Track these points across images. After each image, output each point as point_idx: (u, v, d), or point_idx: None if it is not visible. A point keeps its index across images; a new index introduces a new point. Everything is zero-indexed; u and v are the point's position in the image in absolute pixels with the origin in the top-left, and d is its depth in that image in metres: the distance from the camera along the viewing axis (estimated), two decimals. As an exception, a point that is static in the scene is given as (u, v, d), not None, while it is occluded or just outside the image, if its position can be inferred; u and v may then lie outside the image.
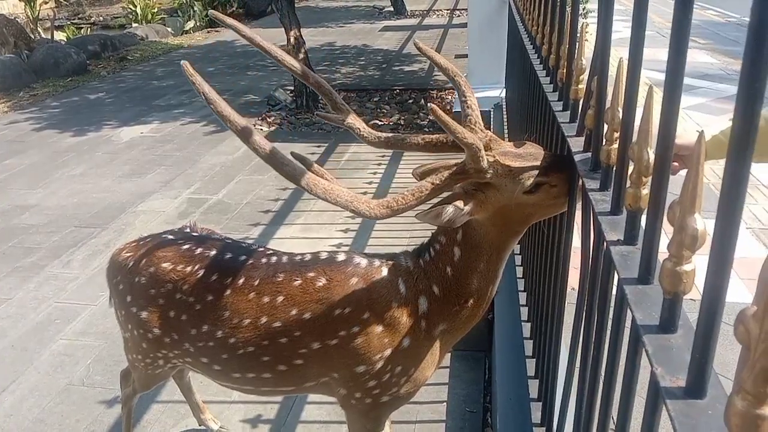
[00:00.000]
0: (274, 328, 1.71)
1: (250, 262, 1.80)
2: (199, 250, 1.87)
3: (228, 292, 1.76)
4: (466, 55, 8.02)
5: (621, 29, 8.71)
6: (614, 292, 0.99)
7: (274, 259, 1.81)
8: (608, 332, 1.05)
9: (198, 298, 1.79)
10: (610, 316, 1.03)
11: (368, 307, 1.66)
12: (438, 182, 1.43)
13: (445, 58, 1.67)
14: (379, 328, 1.65)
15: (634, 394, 0.90)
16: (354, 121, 1.64)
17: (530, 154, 1.46)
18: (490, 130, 1.66)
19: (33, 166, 6.06)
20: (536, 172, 1.42)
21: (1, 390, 2.95)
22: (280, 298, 1.71)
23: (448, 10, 16.08)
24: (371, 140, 1.63)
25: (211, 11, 1.82)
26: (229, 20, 1.66)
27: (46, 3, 13.79)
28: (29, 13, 13.27)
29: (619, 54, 1.19)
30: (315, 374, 1.78)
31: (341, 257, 1.77)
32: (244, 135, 1.42)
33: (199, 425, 2.59)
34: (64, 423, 2.73)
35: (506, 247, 1.60)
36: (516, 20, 3.83)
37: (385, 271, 1.69)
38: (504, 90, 5.85)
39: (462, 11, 15.12)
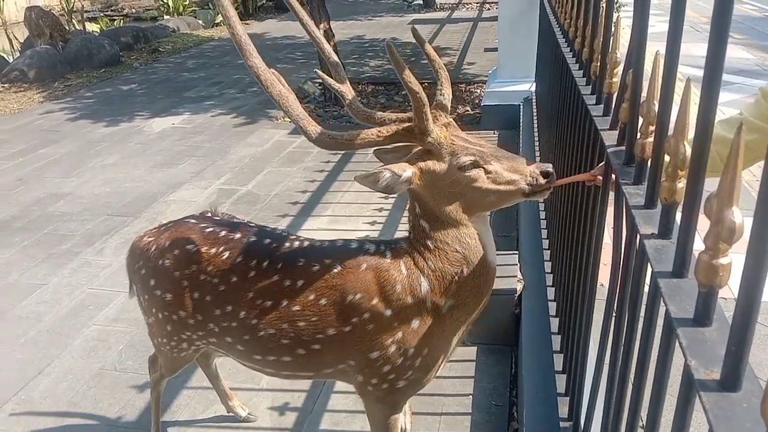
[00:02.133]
0: (293, 311, 1.75)
1: (274, 245, 1.85)
2: (223, 233, 1.92)
3: (252, 273, 1.81)
4: (495, 49, 7.97)
5: (654, 23, 8.56)
6: (647, 286, 0.99)
7: (296, 244, 1.85)
8: (639, 327, 1.05)
9: (223, 279, 1.84)
10: (642, 310, 1.03)
11: (376, 292, 1.70)
12: (384, 131, 1.56)
13: (473, 51, 1.74)
14: (388, 312, 1.69)
15: (665, 388, 0.90)
16: (347, 91, 1.73)
17: (479, 144, 1.58)
18: (520, 125, 1.70)
19: (67, 155, 6.18)
20: (475, 151, 1.54)
21: (36, 372, 3.03)
22: (300, 283, 1.76)
23: (477, 3, 15.96)
24: (358, 115, 1.69)
25: None
26: (297, 5, 1.76)
27: (80, -5, 14.01)
28: (64, 5, 13.50)
29: (652, 48, 1.18)
30: (332, 361, 1.81)
31: (354, 245, 1.81)
32: (284, 105, 1.54)
33: (228, 412, 2.64)
34: (97, 406, 2.80)
35: (464, 219, 1.64)
36: (548, 13, 3.80)
37: (389, 256, 1.74)
38: (534, 84, 5.81)
39: (492, 4, 15.01)
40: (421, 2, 15.49)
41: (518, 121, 5.55)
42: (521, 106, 5.78)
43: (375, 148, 1.65)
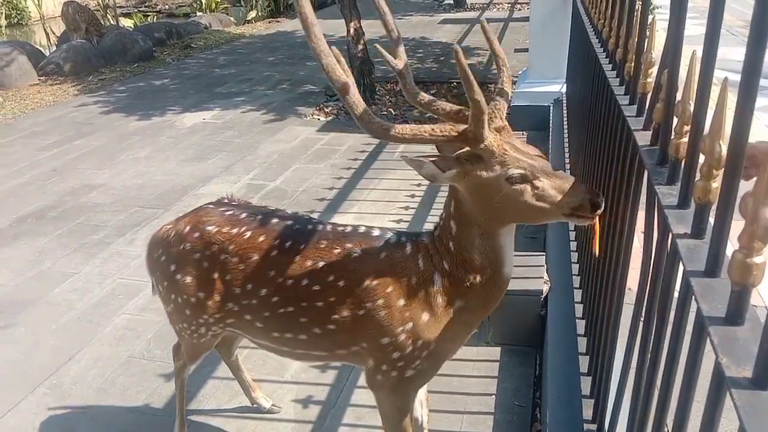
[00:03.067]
0: (313, 290, 1.80)
1: (297, 227, 1.90)
2: (244, 215, 1.97)
3: (275, 252, 1.86)
4: (526, 50, 7.92)
5: (689, 26, 8.41)
6: (677, 288, 0.98)
7: (319, 227, 1.89)
8: (668, 329, 1.05)
9: (244, 258, 1.88)
10: (671, 313, 1.02)
11: (391, 281, 1.75)
12: (436, 130, 1.54)
13: (503, 50, 1.77)
14: (401, 302, 1.74)
15: (694, 390, 0.89)
16: (404, 69, 1.76)
17: (531, 154, 1.54)
18: (550, 126, 1.70)
19: (101, 148, 6.30)
20: (526, 165, 1.50)
21: (67, 358, 3.10)
22: (321, 263, 1.80)
23: (509, 3, 15.86)
24: (410, 94, 1.72)
25: None
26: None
27: (116, -9, 14.24)
28: (100, 1, 13.75)
29: (687, 51, 1.17)
30: (346, 341, 1.85)
31: (376, 232, 1.86)
32: (342, 91, 1.52)
33: (252, 404, 2.67)
34: (125, 393, 2.85)
35: (495, 232, 1.64)
36: (581, 14, 3.77)
37: (409, 248, 1.78)
38: (564, 85, 5.76)
39: (523, 5, 14.90)
40: (452, 2, 15.44)
41: (548, 122, 5.50)
42: (551, 107, 5.74)
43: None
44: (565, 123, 4.85)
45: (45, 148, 6.31)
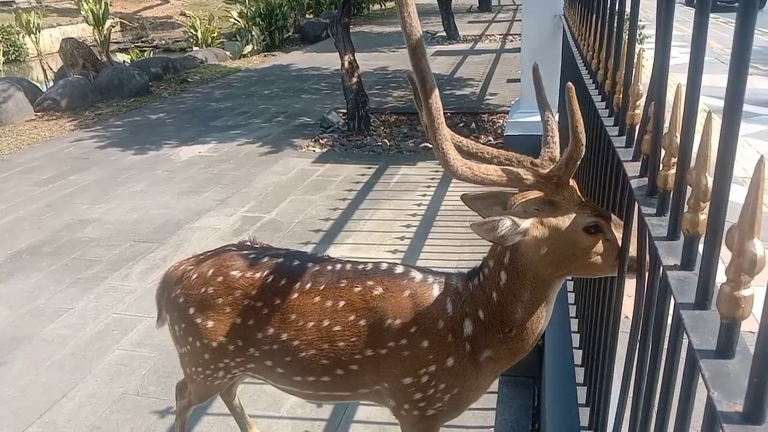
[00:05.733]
0: (334, 331, 1.78)
1: (317, 268, 1.88)
2: (265, 258, 1.95)
3: (295, 295, 1.84)
4: (518, 80, 8.01)
5: (678, 55, 8.55)
6: (670, 317, 0.98)
7: (338, 266, 1.88)
8: (663, 359, 1.04)
9: (266, 302, 1.87)
10: (666, 342, 1.02)
11: (415, 321, 1.71)
12: (521, 173, 1.46)
13: (495, 82, 1.77)
14: (425, 344, 1.70)
15: (689, 422, 0.89)
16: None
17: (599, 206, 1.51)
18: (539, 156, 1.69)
19: (96, 182, 6.32)
20: (602, 215, 1.46)
21: (61, 396, 3.06)
22: (342, 303, 1.79)
23: (500, 35, 16.10)
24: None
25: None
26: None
27: (112, 27, 14.44)
28: (97, 37, 13.92)
29: (675, 80, 1.19)
30: (368, 381, 1.83)
31: (399, 269, 1.83)
32: (416, 54, 1.34)
33: (248, 440, 2.63)
34: (119, 431, 2.81)
35: (549, 284, 1.59)
36: (570, 45, 3.83)
37: (435, 289, 1.74)
38: (557, 114, 5.82)
39: (515, 36, 15.13)
40: (445, 34, 15.67)
41: (541, 151, 5.54)
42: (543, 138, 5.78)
43: (482, 190, 1.56)
44: (558, 153, 4.88)
45: (40, 183, 6.33)
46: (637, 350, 1.26)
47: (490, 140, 7.07)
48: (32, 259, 4.64)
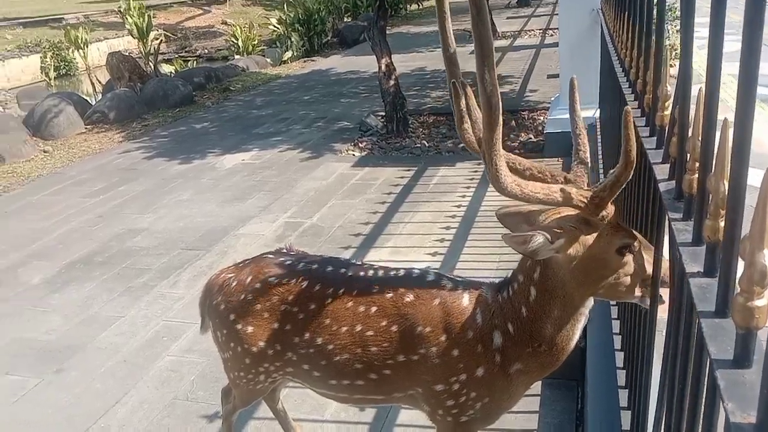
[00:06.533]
0: (366, 336, 1.82)
1: (350, 274, 1.93)
2: (301, 265, 2.02)
3: (329, 300, 1.89)
4: (558, 75, 7.91)
5: (730, 42, 8.28)
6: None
7: (371, 272, 1.93)
8: (691, 366, 1.04)
9: (302, 307, 1.93)
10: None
11: (445, 330, 1.74)
12: (568, 194, 1.46)
13: (535, 78, 1.75)
14: (455, 352, 1.73)
15: (715, 428, 0.88)
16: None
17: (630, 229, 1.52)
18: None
19: (144, 192, 6.51)
20: (635, 237, 1.48)
21: (114, 402, 3.18)
22: (374, 309, 1.83)
23: (540, 29, 15.89)
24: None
25: None
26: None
27: (156, 39, 14.84)
28: (142, 49, 14.33)
29: (727, 69, 1.16)
30: (402, 386, 1.87)
31: (431, 277, 1.86)
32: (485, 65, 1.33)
33: (293, 443, 2.69)
34: (170, 435, 2.91)
35: (578, 302, 1.59)
36: (607, 41, 3.77)
37: (465, 299, 1.76)
38: (598, 110, 5.73)
39: (554, 30, 14.89)
40: (483, 31, 15.52)
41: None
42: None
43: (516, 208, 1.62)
44: (599, 148, 4.81)
45: (91, 194, 6.56)
46: (669, 356, 1.25)
47: (531, 138, 7.00)
48: (85, 268, 4.82)
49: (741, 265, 0.81)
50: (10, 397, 3.29)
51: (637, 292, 1.50)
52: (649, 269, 1.46)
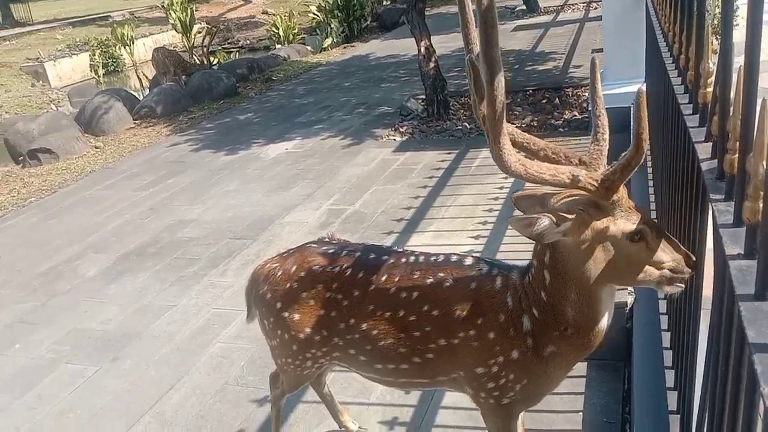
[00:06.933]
0: (409, 321, 1.85)
1: (391, 261, 1.96)
2: (344, 252, 2.06)
3: (372, 287, 1.93)
4: (602, 50, 7.72)
5: (779, 8, 7.94)
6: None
7: (412, 258, 1.95)
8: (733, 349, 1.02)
9: (346, 294, 1.97)
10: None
11: (481, 313, 1.76)
12: (577, 176, 1.43)
13: (580, 53, 1.71)
14: (491, 335, 1.74)
15: (757, 413, 0.87)
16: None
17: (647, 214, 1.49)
18: (631, 128, 1.65)
19: (192, 184, 6.67)
20: (648, 224, 1.45)
21: (168, 387, 3.31)
22: (415, 294, 1.85)
23: (584, 2, 15.48)
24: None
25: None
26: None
27: (199, 32, 15.08)
28: (186, 43, 14.59)
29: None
30: (445, 369, 1.89)
31: (468, 261, 1.88)
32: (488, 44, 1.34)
33: (340, 427, 2.75)
34: (222, 420, 3.00)
35: (591, 288, 1.56)
36: (651, 15, 3.66)
37: (499, 282, 1.77)
38: (645, 84, 5.58)
39: (599, 3, 14.50)
40: (525, 8, 15.26)
41: (629, 124, 5.34)
42: (632, 108, 5.56)
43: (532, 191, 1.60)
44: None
45: (142, 188, 6.75)
46: (713, 339, 1.23)
47: (575, 115, 6.87)
48: (138, 260, 4.98)
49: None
50: (70, 386, 3.45)
51: (653, 278, 1.47)
52: (663, 257, 1.43)
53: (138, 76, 15.55)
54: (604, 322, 1.65)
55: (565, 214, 1.45)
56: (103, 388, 3.40)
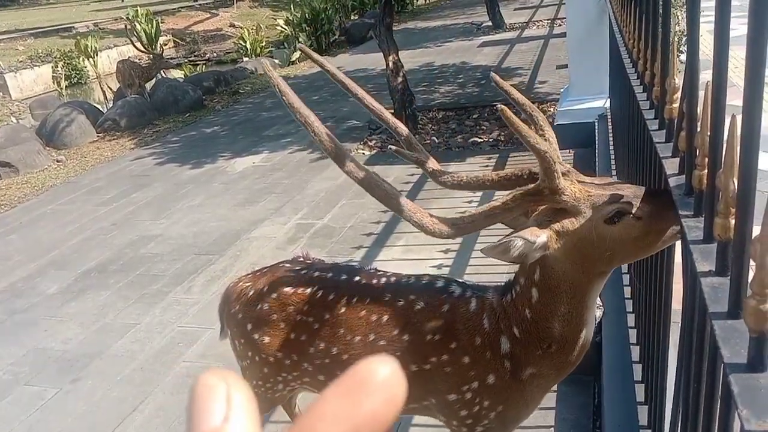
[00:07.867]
0: (379, 346, 1.80)
1: (363, 282, 1.91)
2: (316, 273, 2.00)
3: (343, 310, 1.87)
4: (567, 66, 7.84)
5: (737, 27, 8.17)
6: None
7: (383, 280, 1.90)
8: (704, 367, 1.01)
9: (316, 317, 1.91)
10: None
11: (455, 337, 1.70)
12: (509, 201, 1.40)
13: (544, 69, 1.71)
14: (466, 359, 1.69)
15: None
16: (432, 164, 1.66)
17: (612, 184, 1.42)
18: (596, 143, 1.65)
19: (157, 198, 6.54)
20: (618, 198, 1.35)
21: (131, 409, 3.20)
22: (386, 317, 1.80)
23: (548, 19, 15.76)
24: (447, 184, 1.64)
25: (299, 45, 1.96)
26: (315, 55, 1.75)
27: (165, 45, 14.90)
28: (151, 55, 14.37)
29: (736, 53, 1.13)
30: (416, 396, 1.83)
31: (440, 283, 1.83)
32: (339, 159, 1.49)
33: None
34: (188, 441, 2.91)
35: (590, 291, 1.52)
36: (615, 31, 3.72)
37: (473, 304, 1.72)
38: (608, 100, 5.67)
39: (563, 20, 14.77)
40: (491, 24, 15.46)
41: (593, 138, 5.41)
42: (596, 123, 5.65)
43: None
44: (611, 138, 4.76)
45: (105, 202, 6.60)
46: (684, 355, 1.22)
47: (541, 130, 6.94)
48: (100, 276, 4.85)
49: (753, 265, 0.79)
50: (29, 408, 3.32)
51: (654, 242, 1.37)
52: (662, 214, 1.31)
53: (102, 88, 15.32)
54: (589, 331, 1.61)
55: (536, 230, 1.42)
56: (63, 410, 3.28)
